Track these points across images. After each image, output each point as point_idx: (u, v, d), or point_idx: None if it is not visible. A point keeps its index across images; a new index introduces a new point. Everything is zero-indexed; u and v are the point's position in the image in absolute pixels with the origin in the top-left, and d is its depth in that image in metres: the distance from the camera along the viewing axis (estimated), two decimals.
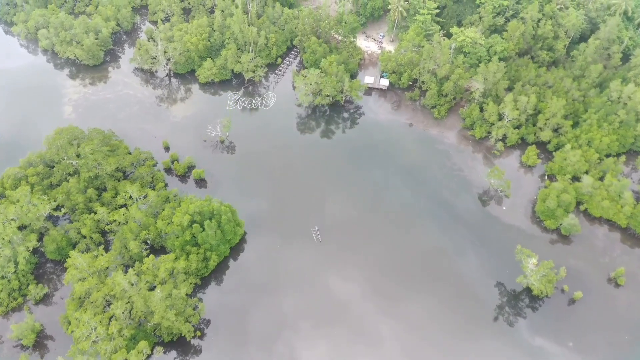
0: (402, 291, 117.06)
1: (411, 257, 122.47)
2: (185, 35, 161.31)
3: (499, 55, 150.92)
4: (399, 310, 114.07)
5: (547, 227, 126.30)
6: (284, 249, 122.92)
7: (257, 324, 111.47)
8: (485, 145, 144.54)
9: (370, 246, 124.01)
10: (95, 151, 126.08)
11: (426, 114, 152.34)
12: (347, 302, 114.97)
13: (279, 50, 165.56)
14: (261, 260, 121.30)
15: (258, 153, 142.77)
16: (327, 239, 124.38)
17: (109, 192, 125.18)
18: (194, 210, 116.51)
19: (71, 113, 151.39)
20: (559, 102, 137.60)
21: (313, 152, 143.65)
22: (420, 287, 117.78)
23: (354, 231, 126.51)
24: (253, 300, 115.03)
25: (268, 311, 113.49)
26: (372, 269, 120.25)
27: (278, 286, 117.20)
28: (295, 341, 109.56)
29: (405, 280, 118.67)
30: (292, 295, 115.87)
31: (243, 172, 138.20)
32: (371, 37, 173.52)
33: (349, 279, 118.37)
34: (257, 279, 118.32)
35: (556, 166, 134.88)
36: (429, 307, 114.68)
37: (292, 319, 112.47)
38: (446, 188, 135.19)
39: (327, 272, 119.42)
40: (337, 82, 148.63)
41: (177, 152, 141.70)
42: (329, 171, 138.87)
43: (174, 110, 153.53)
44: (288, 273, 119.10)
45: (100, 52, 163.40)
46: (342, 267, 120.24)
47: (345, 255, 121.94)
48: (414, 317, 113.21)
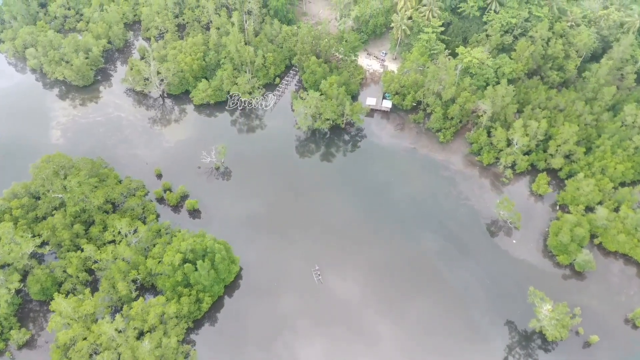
0: (406, 331, 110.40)
1: (416, 296, 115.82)
2: (179, 54, 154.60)
3: (508, 77, 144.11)
4: (403, 352, 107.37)
5: (560, 263, 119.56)
6: (282, 290, 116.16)
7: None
8: (493, 171, 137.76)
9: (373, 285, 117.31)
10: (83, 183, 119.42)
11: (431, 138, 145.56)
12: (351, 352, 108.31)
13: (277, 69, 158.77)
14: (257, 301, 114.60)
15: (254, 180, 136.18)
16: (327, 277, 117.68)
17: (97, 227, 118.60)
18: (186, 248, 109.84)
19: (59, 138, 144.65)
20: (571, 129, 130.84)
21: (312, 180, 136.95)
22: (427, 327, 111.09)
23: (356, 269, 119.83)
24: (248, 345, 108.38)
25: (265, 356, 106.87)
26: (374, 310, 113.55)
27: (275, 330, 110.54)
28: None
29: (410, 321, 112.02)
30: (290, 341, 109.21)
31: (239, 201, 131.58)
32: (373, 55, 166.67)
33: (352, 325, 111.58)
34: (253, 321, 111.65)
35: (568, 196, 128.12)
36: (436, 349, 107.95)
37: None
38: (452, 219, 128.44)
39: (328, 315, 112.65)
40: (338, 106, 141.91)
41: (170, 180, 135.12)
42: (328, 200, 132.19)
43: (167, 134, 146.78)
44: (286, 316, 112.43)
45: (90, 72, 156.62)
46: (344, 310, 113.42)
47: (347, 298, 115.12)
48: (416, 357, 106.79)
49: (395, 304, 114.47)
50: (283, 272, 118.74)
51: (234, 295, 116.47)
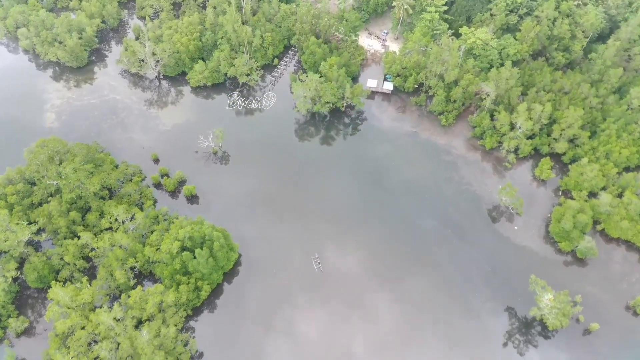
0: (405, 318, 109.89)
1: (415, 282, 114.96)
2: (175, 35, 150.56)
3: (512, 58, 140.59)
4: (402, 337, 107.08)
5: (562, 250, 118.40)
6: (282, 276, 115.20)
7: (252, 357, 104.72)
8: (496, 156, 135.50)
9: (372, 270, 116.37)
10: (78, 169, 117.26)
11: (433, 121, 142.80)
12: (350, 337, 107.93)
13: (275, 50, 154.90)
14: (257, 288, 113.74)
15: (253, 164, 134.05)
16: (327, 264, 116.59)
17: (94, 214, 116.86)
18: (184, 236, 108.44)
19: (54, 121, 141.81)
20: (576, 112, 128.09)
21: (312, 164, 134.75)
22: (426, 313, 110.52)
23: (355, 255, 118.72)
24: (247, 331, 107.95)
25: (263, 343, 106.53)
26: (373, 295, 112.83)
27: (274, 317, 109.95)
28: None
29: (409, 307, 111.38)
30: (290, 328, 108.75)
31: (237, 186, 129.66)
32: (374, 35, 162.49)
33: (352, 311, 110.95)
34: (252, 309, 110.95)
35: (572, 181, 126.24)
36: (435, 335, 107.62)
37: (288, 353, 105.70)
38: (453, 205, 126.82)
39: (328, 302, 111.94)
40: (338, 89, 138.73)
41: (167, 164, 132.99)
42: (328, 185, 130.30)
43: (164, 117, 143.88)
44: (285, 303, 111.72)
45: (84, 53, 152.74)
46: (344, 296, 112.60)
47: (347, 284, 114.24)
48: (418, 345, 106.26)
49: (394, 289, 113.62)
50: (283, 259, 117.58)
51: (233, 282, 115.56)
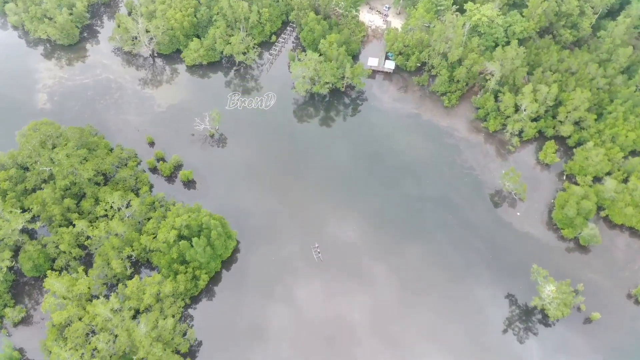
0: (406, 307, 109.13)
1: (416, 269, 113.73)
2: (169, 10, 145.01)
3: (518, 36, 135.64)
4: (402, 325, 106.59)
5: (565, 237, 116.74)
6: (280, 264, 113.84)
7: (251, 345, 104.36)
8: (499, 139, 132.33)
9: (372, 257, 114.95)
10: (71, 155, 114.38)
11: (435, 102, 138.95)
12: (350, 322, 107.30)
13: (273, 26, 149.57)
14: (255, 276, 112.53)
15: (250, 147, 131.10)
16: (326, 252, 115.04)
17: (89, 200, 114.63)
18: (181, 224, 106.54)
19: (46, 102, 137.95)
20: (582, 95, 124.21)
21: (311, 146, 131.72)
22: (426, 301, 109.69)
23: (356, 241, 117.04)
24: (246, 319, 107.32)
25: (263, 331, 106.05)
26: (373, 282, 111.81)
27: (273, 305, 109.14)
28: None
29: (409, 294, 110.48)
30: (289, 317, 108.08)
31: (234, 171, 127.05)
32: (375, 10, 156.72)
33: (352, 300, 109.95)
34: (250, 297, 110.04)
35: (576, 166, 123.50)
36: (435, 325, 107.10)
37: (288, 339, 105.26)
38: (455, 189, 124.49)
39: (328, 290, 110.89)
40: (338, 68, 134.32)
41: (162, 148, 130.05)
42: (328, 169, 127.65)
43: (159, 97, 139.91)
44: (284, 291, 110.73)
45: (75, 30, 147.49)
46: (345, 285, 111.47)
47: (347, 273, 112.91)
48: (417, 333, 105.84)
49: (392, 275, 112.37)
50: (282, 245, 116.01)
51: (231, 269, 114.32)
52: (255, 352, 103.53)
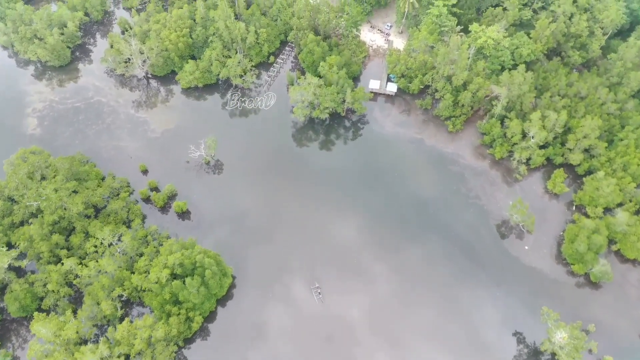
0: (410, 344, 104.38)
1: (419, 304, 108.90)
2: (163, 30, 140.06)
3: (526, 59, 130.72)
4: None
5: (574, 272, 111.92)
6: (279, 301, 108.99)
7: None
8: (506, 166, 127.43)
9: (374, 292, 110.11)
10: (60, 189, 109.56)
11: (439, 126, 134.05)
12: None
13: (271, 46, 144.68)
14: (252, 314, 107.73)
15: (247, 175, 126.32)
16: (326, 288, 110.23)
17: (78, 235, 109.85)
18: (174, 262, 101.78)
19: (36, 127, 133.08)
20: (593, 122, 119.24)
21: (310, 175, 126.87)
22: (431, 340, 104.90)
23: (357, 276, 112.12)
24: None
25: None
26: (375, 321, 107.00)
27: (271, 346, 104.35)
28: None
29: (414, 331, 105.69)
30: (287, 355, 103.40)
31: (231, 200, 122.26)
32: (377, 28, 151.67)
33: (353, 341, 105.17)
34: (247, 337, 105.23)
35: (586, 196, 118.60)
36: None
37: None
38: (460, 220, 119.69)
39: (328, 331, 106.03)
40: (338, 93, 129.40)
41: (156, 176, 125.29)
42: (327, 198, 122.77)
43: (153, 122, 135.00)
44: (282, 330, 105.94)
45: (66, 51, 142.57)
46: (345, 328, 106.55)
47: (349, 316, 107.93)
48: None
49: (397, 311, 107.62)
50: (280, 282, 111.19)
51: (227, 306, 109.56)
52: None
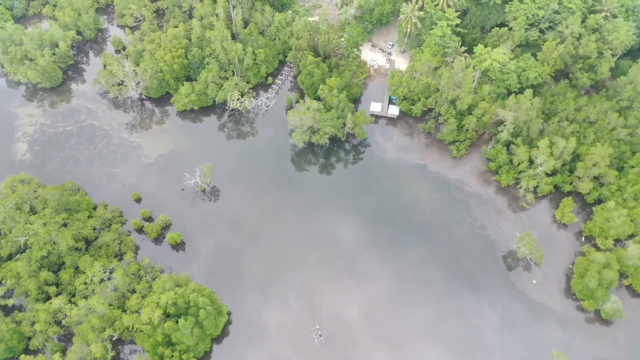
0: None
1: (421, 341, 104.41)
2: (158, 50, 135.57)
3: (533, 82, 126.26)
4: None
5: (584, 308, 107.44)
6: (276, 340, 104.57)
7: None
8: (512, 194, 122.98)
9: (377, 324, 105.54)
10: (49, 223, 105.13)
11: (443, 151, 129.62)
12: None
13: (269, 67, 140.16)
14: (248, 354, 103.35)
15: (244, 203, 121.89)
16: (327, 328, 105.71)
17: (68, 270, 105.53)
18: (166, 302, 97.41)
19: (26, 153, 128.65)
20: (603, 150, 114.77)
21: (309, 202, 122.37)
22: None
23: (359, 315, 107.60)
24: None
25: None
26: (378, 351, 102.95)
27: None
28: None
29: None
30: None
31: (226, 231, 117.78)
32: (378, 47, 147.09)
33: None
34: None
35: (596, 227, 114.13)
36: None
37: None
38: (465, 252, 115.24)
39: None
40: (338, 118, 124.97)
41: (150, 205, 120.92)
42: (327, 227, 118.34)
43: (147, 146, 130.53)
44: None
45: (58, 72, 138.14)
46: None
47: (351, 346, 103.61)
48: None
49: (399, 345, 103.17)
50: (278, 320, 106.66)
51: (222, 343, 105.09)
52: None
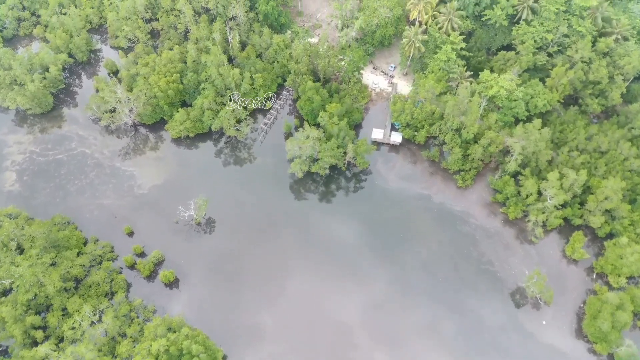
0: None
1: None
2: (152, 74, 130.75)
3: (541, 110, 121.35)
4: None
5: (597, 352, 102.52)
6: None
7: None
8: (520, 227, 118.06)
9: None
10: (36, 264, 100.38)
11: (447, 181, 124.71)
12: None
13: (267, 91, 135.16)
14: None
15: (241, 237, 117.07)
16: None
17: (55, 313, 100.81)
18: (158, 349, 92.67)
19: (14, 183, 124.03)
20: (615, 184, 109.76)
21: (308, 234, 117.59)
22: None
23: (361, 349, 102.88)
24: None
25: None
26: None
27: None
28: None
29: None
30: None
31: (222, 267, 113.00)
32: (380, 70, 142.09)
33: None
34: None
35: (608, 265, 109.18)
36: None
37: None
38: (471, 289, 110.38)
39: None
40: (339, 147, 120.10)
41: (142, 239, 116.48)
42: (328, 261, 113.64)
43: (140, 176, 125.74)
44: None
45: (48, 97, 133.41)
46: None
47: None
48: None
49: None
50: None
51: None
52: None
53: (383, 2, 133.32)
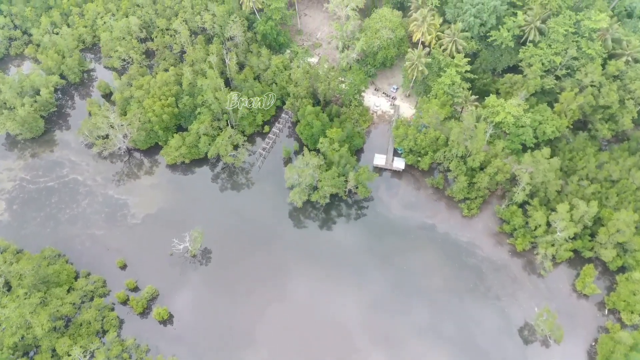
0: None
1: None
2: (147, 98, 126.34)
3: (550, 136, 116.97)
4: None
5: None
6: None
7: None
8: (529, 259, 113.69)
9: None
10: (24, 304, 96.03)
11: (452, 209, 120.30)
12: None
13: (265, 114, 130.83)
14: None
15: (238, 270, 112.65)
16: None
17: (44, 355, 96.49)
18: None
19: (3, 212, 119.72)
20: (627, 217, 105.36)
21: (308, 266, 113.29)
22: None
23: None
24: None
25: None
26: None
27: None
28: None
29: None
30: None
31: (219, 302, 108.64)
32: (382, 91, 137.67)
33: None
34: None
35: (621, 302, 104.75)
36: None
37: None
38: (478, 325, 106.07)
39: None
40: (340, 176, 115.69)
41: (136, 273, 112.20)
42: (328, 296, 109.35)
43: (134, 205, 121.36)
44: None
45: (39, 121, 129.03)
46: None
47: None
48: None
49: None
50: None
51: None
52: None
53: (385, 23, 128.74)
